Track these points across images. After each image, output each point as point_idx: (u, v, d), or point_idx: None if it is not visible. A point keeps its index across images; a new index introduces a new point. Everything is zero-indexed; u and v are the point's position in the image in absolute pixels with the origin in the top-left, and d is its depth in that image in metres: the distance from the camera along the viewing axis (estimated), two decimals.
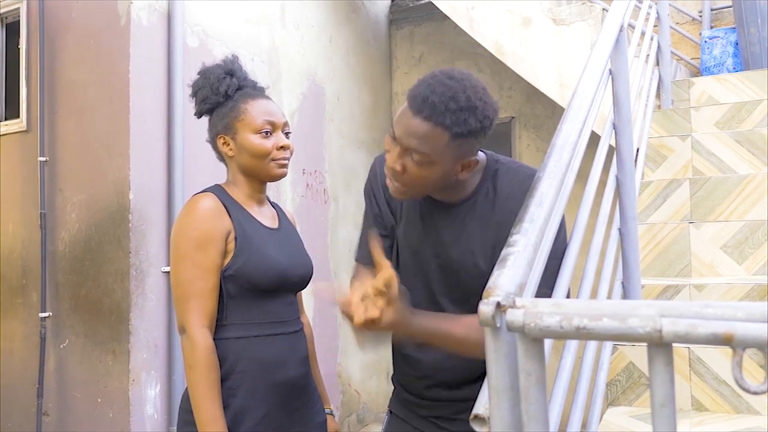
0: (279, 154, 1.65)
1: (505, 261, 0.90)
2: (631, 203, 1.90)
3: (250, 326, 1.59)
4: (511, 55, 3.78)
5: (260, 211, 1.71)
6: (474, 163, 1.31)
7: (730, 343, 0.67)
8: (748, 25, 3.97)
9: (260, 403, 1.57)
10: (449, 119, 1.21)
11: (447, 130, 1.22)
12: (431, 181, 1.29)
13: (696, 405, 1.92)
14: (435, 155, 1.24)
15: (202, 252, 1.53)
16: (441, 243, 1.40)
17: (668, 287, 2.20)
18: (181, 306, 1.55)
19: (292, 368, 1.63)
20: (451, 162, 1.27)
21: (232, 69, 1.72)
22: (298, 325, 1.70)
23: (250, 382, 1.57)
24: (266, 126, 1.64)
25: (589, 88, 1.45)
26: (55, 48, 3.31)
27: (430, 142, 1.23)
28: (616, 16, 1.84)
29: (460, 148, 1.26)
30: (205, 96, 1.69)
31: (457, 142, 1.24)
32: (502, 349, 0.82)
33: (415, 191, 1.33)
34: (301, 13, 4.30)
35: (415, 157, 1.25)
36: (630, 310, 0.72)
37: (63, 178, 3.24)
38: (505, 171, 1.39)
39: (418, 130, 1.23)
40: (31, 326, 3.32)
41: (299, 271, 1.70)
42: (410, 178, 1.28)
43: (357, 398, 4.67)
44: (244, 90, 1.70)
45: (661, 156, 3.05)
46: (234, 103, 1.67)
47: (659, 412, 0.74)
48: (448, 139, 1.23)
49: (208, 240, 1.54)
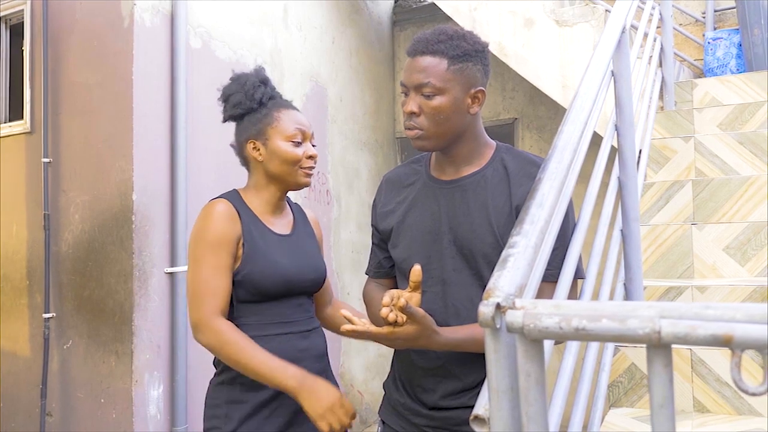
0: (307, 163, 1.72)
1: (506, 262, 0.90)
2: (634, 204, 1.90)
3: (259, 326, 1.66)
4: (513, 57, 3.78)
5: (274, 217, 1.77)
6: (482, 94, 1.41)
7: (729, 344, 0.67)
8: (752, 26, 3.97)
9: (272, 399, 1.65)
10: (443, 46, 1.37)
11: (443, 55, 1.36)
12: (446, 116, 1.38)
13: (698, 406, 1.92)
14: (440, 82, 1.36)
15: (216, 254, 1.62)
16: (455, 217, 1.44)
17: (670, 288, 2.20)
18: (195, 303, 1.61)
19: (304, 366, 1.65)
20: (458, 89, 1.38)
21: (265, 78, 1.79)
22: (310, 325, 1.75)
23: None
24: (298, 135, 1.72)
25: (590, 90, 1.45)
26: (58, 50, 3.33)
27: (431, 70, 1.36)
28: (618, 17, 1.84)
29: (462, 73, 1.38)
30: (238, 101, 1.75)
31: (457, 66, 1.37)
32: (502, 350, 0.82)
33: (435, 133, 1.40)
34: (303, 15, 4.31)
35: (425, 91, 1.37)
36: (629, 312, 0.72)
37: (66, 180, 3.25)
38: (514, 153, 1.48)
39: (420, 65, 1.37)
40: (34, 327, 3.33)
41: (309, 275, 1.75)
42: (427, 117, 1.38)
43: (360, 399, 4.67)
44: (275, 99, 1.78)
45: (664, 157, 3.05)
46: (267, 110, 1.74)
47: (658, 413, 0.74)
48: (447, 64, 1.36)
49: (221, 242, 1.63)
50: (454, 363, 1.43)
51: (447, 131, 1.40)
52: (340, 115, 4.65)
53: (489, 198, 1.42)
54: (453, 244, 1.44)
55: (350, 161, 4.75)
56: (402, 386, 1.56)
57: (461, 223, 1.43)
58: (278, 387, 1.55)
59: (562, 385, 1.18)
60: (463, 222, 1.43)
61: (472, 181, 1.45)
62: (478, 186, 1.44)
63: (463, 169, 1.47)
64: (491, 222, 1.39)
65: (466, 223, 1.43)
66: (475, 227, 1.41)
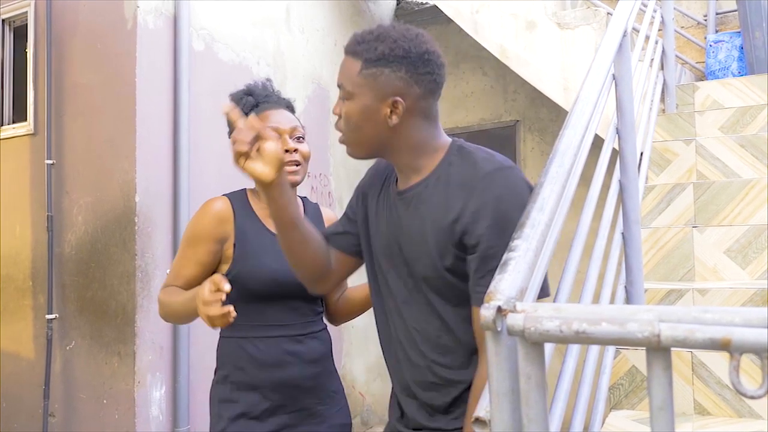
0: (286, 158, 1.69)
1: (506, 265, 0.91)
2: (635, 207, 1.90)
3: (251, 328, 1.68)
4: (515, 59, 3.79)
5: None
6: (401, 105, 1.24)
7: (727, 348, 0.68)
8: (753, 29, 3.98)
9: (261, 400, 1.67)
10: (360, 47, 1.25)
11: (359, 57, 1.25)
12: (355, 123, 1.27)
13: (698, 409, 1.93)
14: (349, 86, 1.26)
15: (192, 247, 1.69)
16: (400, 228, 1.33)
17: (671, 291, 2.21)
18: (167, 277, 1.76)
19: (295, 369, 1.68)
20: (370, 96, 1.24)
21: (251, 89, 1.81)
22: (307, 329, 1.73)
23: (250, 380, 1.67)
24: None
25: (591, 94, 1.46)
26: (62, 51, 3.34)
27: (345, 73, 1.27)
28: (619, 21, 1.85)
29: (375, 79, 1.23)
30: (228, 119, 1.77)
31: (370, 70, 1.23)
32: (503, 352, 0.83)
33: (352, 140, 1.30)
34: (306, 17, 4.32)
35: (341, 94, 1.28)
36: (629, 315, 0.73)
37: (69, 181, 3.26)
38: (463, 153, 1.29)
39: (343, 66, 1.29)
40: (37, 328, 3.35)
41: None
42: (343, 121, 1.29)
43: (361, 400, 4.68)
44: (259, 106, 1.78)
45: (665, 160, 3.05)
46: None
47: (658, 415, 0.75)
48: (361, 67, 1.24)
49: (200, 238, 1.69)
50: (418, 387, 1.35)
51: (362, 140, 1.29)
52: None
53: (427, 212, 1.27)
54: (405, 265, 1.33)
55: (352, 163, 4.75)
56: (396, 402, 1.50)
57: (404, 242, 1.32)
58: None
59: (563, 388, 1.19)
60: (406, 240, 1.31)
61: (415, 193, 1.31)
62: (420, 198, 1.30)
63: (411, 177, 1.32)
64: (428, 240, 1.26)
65: (407, 242, 1.31)
66: (414, 246, 1.29)
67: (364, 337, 4.70)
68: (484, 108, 5.13)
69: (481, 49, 4.13)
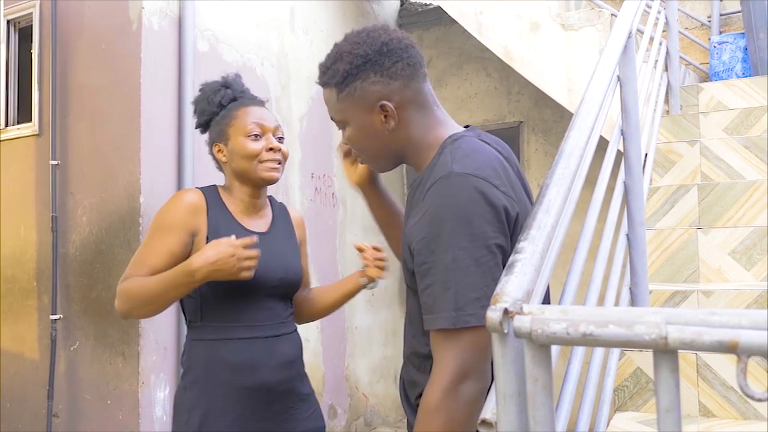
0: (268, 156, 1.69)
1: (513, 267, 0.91)
2: (639, 209, 1.90)
3: (224, 329, 1.64)
4: (519, 60, 3.79)
5: (249, 216, 1.75)
6: (387, 107, 1.20)
7: (734, 350, 0.68)
8: (757, 30, 3.97)
9: (233, 405, 1.62)
10: (326, 77, 1.25)
11: (331, 86, 1.24)
12: (363, 144, 1.27)
13: (703, 411, 1.92)
14: (338, 114, 1.26)
15: (162, 236, 1.63)
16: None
17: (676, 293, 2.21)
18: (127, 269, 1.65)
19: (267, 372, 1.64)
20: (358, 114, 1.23)
21: (228, 82, 1.79)
22: (279, 330, 1.70)
23: (221, 384, 1.62)
24: (255, 129, 1.69)
25: (596, 95, 1.46)
26: (67, 52, 3.35)
27: (330, 105, 1.27)
28: (623, 23, 1.85)
29: (353, 97, 1.22)
30: (202, 109, 1.78)
31: (344, 92, 1.22)
32: (510, 355, 0.83)
33: (371, 158, 1.31)
34: (310, 18, 4.33)
35: (337, 125, 1.29)
36: (636, 318, 0.73)
37: (74, 182, 3.27)
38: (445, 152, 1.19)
39: (324, 99, 1.29)
40: (41, 328, 3.35)
41: (276, 274, 1.69)
42: (353, 147, 1.31)
43: (365, 402, 4.68)
44: (238, 100, 1.77)
45: (670, 161, 3.05)
46: (227, 111, 1.74)
47: (665, 417, 0.75)
48: (336, 93, 1.24)
49: (171, 227, 1.63)
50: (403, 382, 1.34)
51: (376, 155, 1.28)
52: None
53: (408, 215, 1.25)
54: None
55: None
56: None
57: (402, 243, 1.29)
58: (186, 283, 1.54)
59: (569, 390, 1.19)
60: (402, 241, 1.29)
61: (409, 194, 1.29)
62: (408, 201, 1.28)
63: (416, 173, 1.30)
64: (404, 245, 1.22)
65: (402, 243, 1.28)
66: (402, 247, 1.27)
67: (367, 338, 4.70)
68: (487, 109, 5.13)
69: (484, 50, 4.13)
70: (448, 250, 1.06)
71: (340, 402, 4.36)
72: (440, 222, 1.08)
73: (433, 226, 1.09)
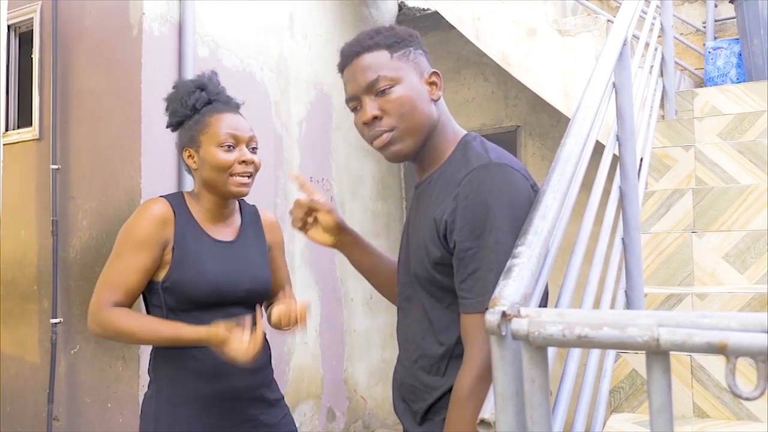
0: (239, 169, 1.63)
1: (510, 272, 0.94)
2: (635, 213, 1.93)
3: None
4: (516, 65, 3.82)
5: (215, 224, 1.70)
6: (437, 76, 1.28)
7: (723, 351, 0.71)
8: (752, 36, 4.01)
9: (201, 413, 1.60)
10: (373, 40, 1.26)
11: (380, 47, 1.25)
12: (411, 106, 1.23)
13: (697, 411, 1.95)
14: (390, 71, 1.23)
15: (136, 253, 1.58)
16: (410, 222, 1.35)
17: (671, 296, 2.23)
18: (96, 293, 1.59)
19: (236, 379, 1.61)
20: (412, 74, 1.25)
21: (204, 84, 1.72)
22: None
23: (187, 392, 1.60)
24: (229, 139, 1.63)
25: (592, 102, 1.49)
26: (67, 57, 3.37)
27: (377, 65, 1.24)
28: (619, 30, 1.88)
29: (408, 58, 1.26)
30: (174, 109, 1.72)
31: (399, 52, 1.25)
32: (508, 356, 0.86)
33: (407, 130, 1.24)
34: (309, 23, 4.36)
35: (380, 87, 1.23)
36: (629, 320, 0.76)
37: (75, 186, 3.29)
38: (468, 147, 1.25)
39: (361, 66, 1.25)
40: (42, 332, 3.37)
41: (243, 285, 1.66)
42: (392, 115, 1.23)
43: (363, 404, 4.70)
44: (213, 104, 1.70)
45: (665, 166, 3.08)
46: (200, 116, 1.67)
47: (657, 417, 0.77)
48: (389, 53, 1.25)
49: (144, 243, 1.58)
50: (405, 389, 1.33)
51: (418, 125, 1.24)
52: (344, 123, 4.69)
53: (427, 207, 1.25)
54: (408, 260, 1.30)
55: (354, 168, 4.78)
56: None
57: (411, 237, 1.31)
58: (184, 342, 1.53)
59: (565, 391, 1.22)
60: (412, 234, 1.30)
61: (423, 187, 1.30)
62: (425, 193, 1.28)
63: (428, 168, 1.31)
64: (423, 236, 1.23)
65: (412, 236, 1.30)
66: (414, 241, 1.28)
67: (365, 341, 4.72)
68: (485, 113, 5.17)
69: (482, 55, 4.16)
70: (492, 232, 1.11)
71: (339, 405, 4.38)
72: (484, 207, 1.12)
73: (476, 211, 1.13)
